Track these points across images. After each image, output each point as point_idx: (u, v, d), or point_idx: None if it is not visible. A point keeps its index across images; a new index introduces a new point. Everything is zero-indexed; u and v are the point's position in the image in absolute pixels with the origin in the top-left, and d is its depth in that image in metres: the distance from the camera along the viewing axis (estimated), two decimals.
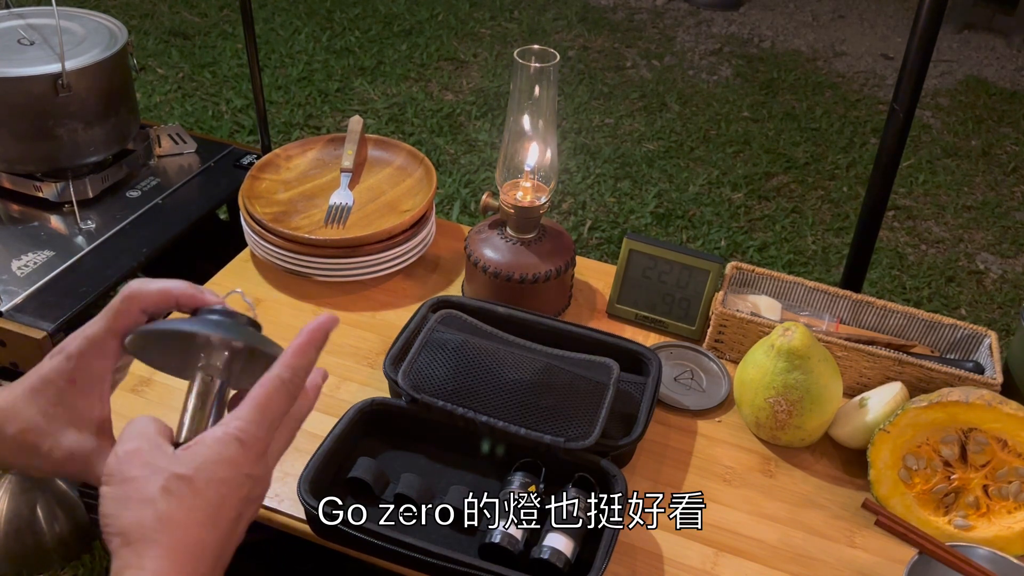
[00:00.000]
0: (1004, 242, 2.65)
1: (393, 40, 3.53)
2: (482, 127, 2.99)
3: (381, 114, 3.03)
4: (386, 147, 1.33)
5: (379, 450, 0.92)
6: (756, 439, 1.00)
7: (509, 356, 0.93)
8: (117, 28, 1.38)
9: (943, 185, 2.88)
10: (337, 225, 1.19)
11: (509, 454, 0.90)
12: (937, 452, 0.91)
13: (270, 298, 1.15)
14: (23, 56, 1.27)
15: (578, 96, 3.25)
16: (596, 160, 2.86)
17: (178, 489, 0.48)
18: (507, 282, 1.08)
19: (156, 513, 0.48)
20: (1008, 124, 3.27)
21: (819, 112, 3.24)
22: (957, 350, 1.09)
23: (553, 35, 3.72)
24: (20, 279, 1.20)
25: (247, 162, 1.49)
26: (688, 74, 3.48)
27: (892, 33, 3.94)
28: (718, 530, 0.89)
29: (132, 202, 1.37)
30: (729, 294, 1.14)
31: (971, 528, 0.89)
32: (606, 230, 2.54)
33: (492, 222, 1.13)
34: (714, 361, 1.09)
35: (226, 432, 0.51)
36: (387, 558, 0.81)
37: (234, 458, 0.50)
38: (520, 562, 0.81)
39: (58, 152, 1.30)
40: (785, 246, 2.54)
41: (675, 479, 0.94)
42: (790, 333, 0.93)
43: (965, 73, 3.62)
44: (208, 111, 2.95)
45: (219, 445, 0.50)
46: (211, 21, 3.57)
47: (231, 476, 0.50)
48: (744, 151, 2.98)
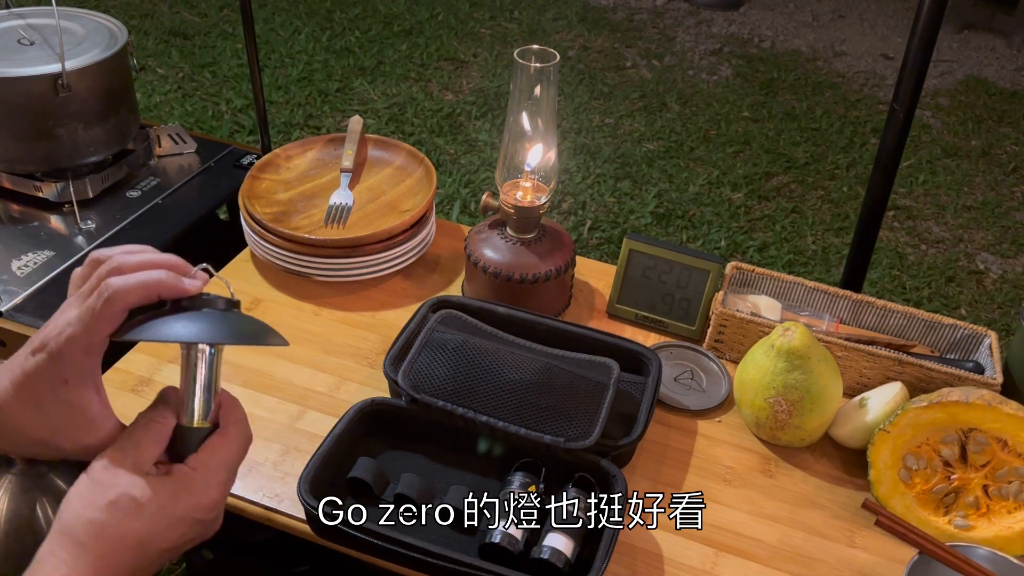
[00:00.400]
0: (1004, 242, 2.65)
1: (393, 40, 3.53)
2: (482, 127, 2.99)
3: (381, 114, 3.03)
4: (386, 147, 1.33)
5: (379, 450, 0.92)
6: (756, 439, 1.00)
7: (509, 356, 0.93)
8: (117, 28, 1.38)
9: (943, 185, 2.88)
10: (337, 225, 1.19)
11: (509, 454, 0.90)
12: (937, 452, 0.91)
13: (270, 298, 1.15)
14: (23, 56, 1.27)
15: (578, 96, 3.25)
16: (596, 160, 2.86)
17: (126, 507, 0.52)
18: (507, 282, 1.08)
19: (95, 520, 0.51)
20: (1008, 124, 3.28)
21: (819, 112, 3.25)
22: (957, 350, 1.09)
23: (553, 35, 3.72)
24: (20, 279, 1.20)
25: (247, 162, 1.49)
26: (688, 74, 3.48)
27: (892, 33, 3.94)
28: (718, 530, 0.89)
29: (132, 202, 1.37)
30: (729, 294, 1.14)
31: (971, 528, 0.89)
32: (606, 230, 2.54)
33: (492, 222, 1.13)
34: (714, 361, 1.09)
35: (193, 472, 0.55)
36: (387, 558, 0.81)
37: (190, 500, 0.54)
38: (520, 562, 0.81)
39: (58, 152, 1.30)
40: (785, 246, 2.54)
41: (675, 479, 0.94)
42: (790, 333, 0.93)
43: (965, 73, 3.62)
44: (208, 111, 2.95)
45: (183, 481, 0.54)
46: (211, 21, 3.57)
47: (181, 516, 0.54)
48: (744, 151, 2.98)
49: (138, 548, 0.52)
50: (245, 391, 1.00)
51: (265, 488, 0.89)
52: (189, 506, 0.54)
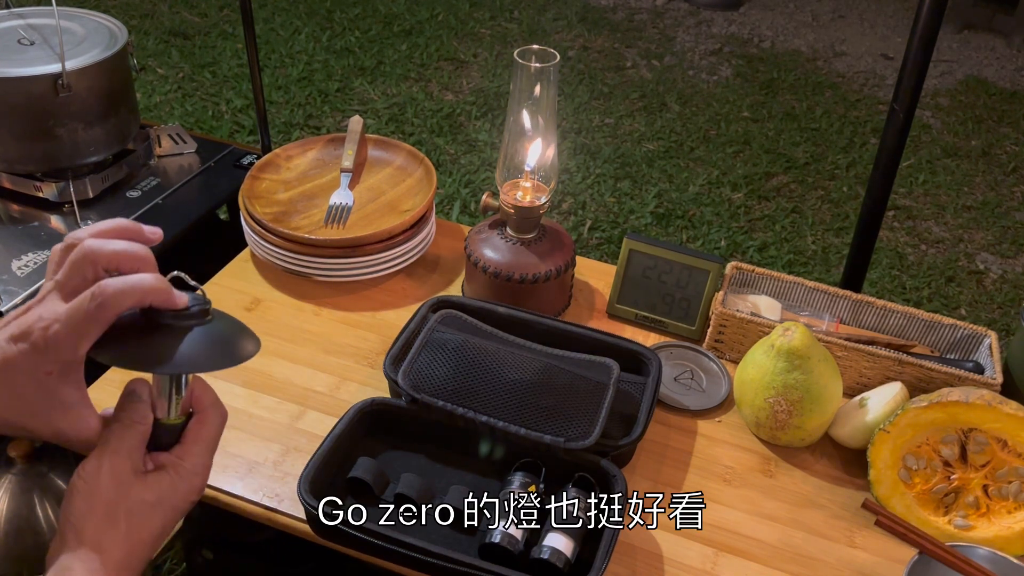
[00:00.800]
0: (1004, 242, 2.65)
1: (393, 40, 3.53)
2: (482, 127, 2.99)
3: (381, 114, 3.03)
4: (386, 147, 1.33)
5: (379, 450, 0.92)
6: (756, 439, 1.00)
7: (509, 356, 0.93)
8: (117, 28, 1.38)
9: (943, 185, 2.88)
10: (337, 225, 1.19)
11: (509, 454, 0.90)
12: (937, 452, 0.91)
13: (270, 298, 1.15)
14: (23, 56, 1.27)
15: (578, 96, 3.25)
16: (596, 160, 2.86)
17: (143, 512, 0.55)
18: (507, 282, 1.08)
19: (120, 530, 0.54)
20: (1008, 124, 3.28)
21: (819, 112, 3.25)
22: (957, 350, 1.09)
23: (553, 35, 3.72)
24: (20, 279, 1.20)
25: (247, 162, 1.49)
26: (688, 74, 3.48)
27: (892, 33, 3.94)
28: (718, 530, 0.89)
29: (132, 202, 1.37)
30: (729, 294, 1.14)
31: (971, 528, 0.89)
32: (606, 230, 2.54)
33: (492, 222, 1.13)
34: (714, 361, 1.09)
35: (182, 462, 0.57)
36: (387, 558, 0.81)
37: (186, 487, 0.57)
38: (520, 562, 0.81)
39: (58, 152, 1.30)
40: (785, 246, 2.54)
41: (675, 479, 0.94)
42: (790, 333, 0.93)
43: (965, 73, 3.62)
44: (208, 111, 2.95)
45: (179, 472, 0.57)
46: (211, 21, 3.57)
47: (180, 504, 0.57)
48: (744, 151, 2.98)
49: (152, 544, 0.56)
50: (245, 391, 1.01)
51: (265, 488, 0.89)
52: (186, 492, 0.57)
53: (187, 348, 0.54)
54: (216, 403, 0.60)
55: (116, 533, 0.54)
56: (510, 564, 0.78)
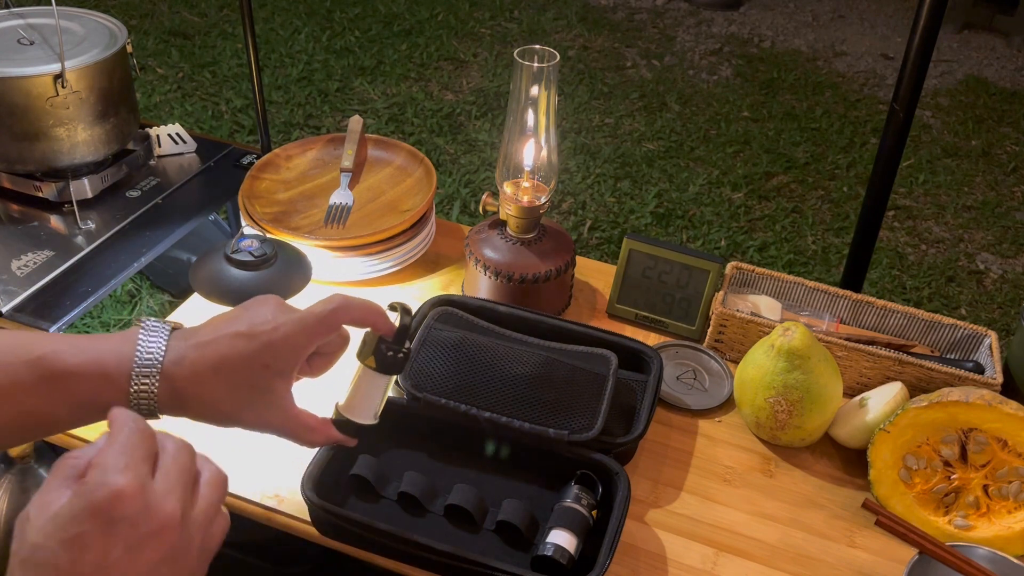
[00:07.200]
0: (1004, 242, 2.65)
1: (393, 40, 3.53)
2: (482, 127, 2.99)
3: (381, 114, 3.03)
4: (386, 147, 1.33)
5: (381, 448, 0.92)
6: (756, 439, 1.00)
7: (508, 351, 0.93)
8: (117, 28, 1.38)
9: (943, 185, 2.88)
10: (337, 225, 1.19)
11: (512, 449, 0.90)
12: (937, 452, 0.91)
13: None
14: (23, 56, 1.27)
15: (578, 96, 3.25)
16: (596, 160, 2.86)
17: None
18: (507, 282, 1.08)
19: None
20: (1008, 124, 3.28)
21: (819, 112, 3.25)
22: (957, 350, 1.09)
23: (553, 35, 3.72)
24: (20, 279, 1.20)
25: (247, 162, 1.49)
26: (688, 74, 3.48)
27: (892, 33, 3.94)
28: (718, 530, 0.89)
29: (132, 202, 1.37)
30: (729, 294, 1.14)
31: (971, 528, 0.89)
32: (606, 230, 2.54)
33: (492, 222, 1.13)
34: (717, 361, 1.09)
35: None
36: (391, 555, 0.82)
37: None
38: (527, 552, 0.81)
39: (58, 152, 1.30)
40: (785, 246, 2.54)
41: (675, 479, 0.94)
42: (790, 333, 0.93)
43: (965, 73, 3.62)
44: (208, 111, 2.95)
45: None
46: (211, 21, 3.57)
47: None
48: (744, 151, 2.98)
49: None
50: None
51: (265, 488, 0.89)
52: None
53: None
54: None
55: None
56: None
